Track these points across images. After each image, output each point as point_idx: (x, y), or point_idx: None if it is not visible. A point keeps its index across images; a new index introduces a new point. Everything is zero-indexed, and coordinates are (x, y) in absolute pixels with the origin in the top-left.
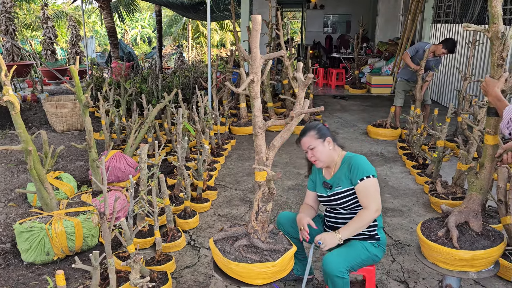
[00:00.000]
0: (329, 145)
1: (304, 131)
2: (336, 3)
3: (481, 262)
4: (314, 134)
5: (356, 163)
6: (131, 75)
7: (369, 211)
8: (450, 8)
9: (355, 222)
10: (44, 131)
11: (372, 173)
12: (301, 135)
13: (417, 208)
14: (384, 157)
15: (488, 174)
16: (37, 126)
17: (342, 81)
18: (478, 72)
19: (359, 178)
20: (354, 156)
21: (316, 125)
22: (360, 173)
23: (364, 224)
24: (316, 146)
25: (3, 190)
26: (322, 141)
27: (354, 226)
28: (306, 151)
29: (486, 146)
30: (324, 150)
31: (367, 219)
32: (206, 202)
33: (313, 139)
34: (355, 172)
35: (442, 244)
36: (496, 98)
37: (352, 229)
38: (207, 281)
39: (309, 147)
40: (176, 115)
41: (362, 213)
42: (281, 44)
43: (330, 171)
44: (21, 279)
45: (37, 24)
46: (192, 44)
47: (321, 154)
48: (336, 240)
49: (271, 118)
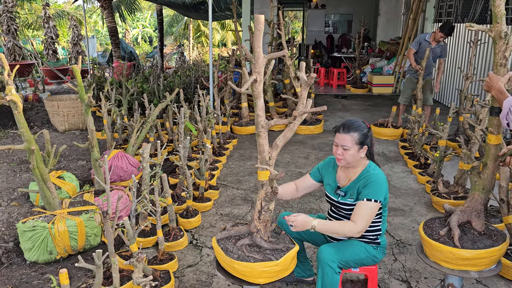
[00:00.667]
0: (363, 152)
1: (349, 128)
2: (337, 2)
3: (483, 261)
4: (357, 137)
5: (374, 183)
6: (132, 74)
7: (354, 228)
8: (451, 8)
9: (337, 226)
10: (46, 131)
11: (379, 199)
12: (343, 130)
13: (419, 208)
14: (386, 157)
15: (491, 174)
16: (39, 125)
17: (344, 81)
18: (480, 72)
19: (366, 197)
20: (376, 174)
21: (363, 129)
22: (371, 194)
23: (342, 233)
24: (351, 149)
25: (5, 189)
26: (359, 148)
27: (333, 228)
28: (337, 144)
29: (489, 146)
30: (356, 155)
31: (347, 231)
32: (208, 201)
33: (353, 142)
34: (367, 190)
35: (444, 243)
36: (499, 91)
37: (330, 230)
38: (209, 280)
39: (344, 146)
40: (178, 114)
41: (348, 224)
42: (283, 44)
43: (347, 176)
44: (24, 278)
45: (39, 24)
46: (193, 44)
47: (351, 157)
48: (308, 226)
49: (272, 117)
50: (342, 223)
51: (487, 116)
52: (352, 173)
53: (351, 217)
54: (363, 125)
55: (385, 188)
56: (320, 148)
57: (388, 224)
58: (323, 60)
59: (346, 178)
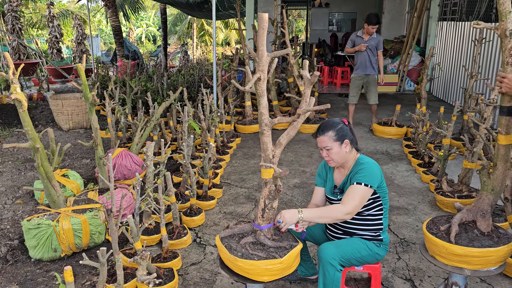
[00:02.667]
0: (346, 147)
1: (323, 129)
2: (341, 1)
3: (476, 260)
4: (332, 135)
5: (363, 169)
6: (136, 73)
7: (343, 210)
8: (456, 6)
9: (324, 210)
10: (50, 129)
11: (370, 183)
12: (319, 132)
13: (423, 207)
14: (390, 155)
15: (500, 175)
16: (44, 124)
17: (347, 79)
18: (485, 70)
19: (356, 181)
20: (367, 162)
21: (336, 125)
22: (361, 178)
23: (329, 216)
24: (333, 147)
25: (10, 187)
26: (340, 144)
27: (321, 214)
28: (321, 149)
29: (498, 146)
30: (340, 152)
31: (335, 214)
32: (212, 200)
33: (331, 141)
34: (357, 175)
35: (440, 238)
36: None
37: (317, 215)
38: (213, 278)
39: (325, 147)
40: (181, 113)
41: (335, 207)
42: (286, 42)
43: (342, 173)
44: (29, 275)
45: (43, 23)
46: (197, 43)
47: (336, 155)
48: (296, 218)
49: (276, 116)
50: (329, 206)
51: (492, 115)
52: (346, 168)
53: (342, 200)
54: (336, 121)
55: (377, 175)
56: None
57: (391, 222)
58: (327, 59)
59: (341, 175)
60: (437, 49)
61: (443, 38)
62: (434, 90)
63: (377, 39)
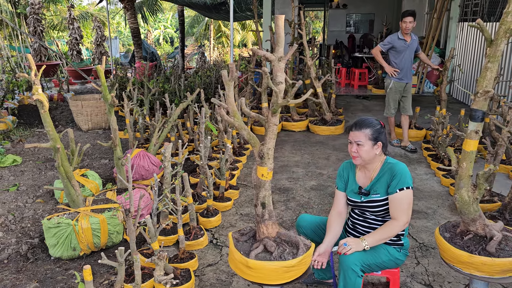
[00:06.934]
0: (377, 149)
1: (360, 125)
2: (359, 2)
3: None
4: (369, 133)
5: (400, 172)
6: (154, 74)
7: (399, 224)
8: (477, 6)
9: (383, 232)
10: (70, 130)
11: (409, 184)
12: (355, 127)
13: (442, 211)
14: (408, 158)
15: None
16: (63, 124)
17: (365, 81)
18: (507, 72)
19: (399, 187)
20: (397, 163)
21: (375, 125)
22: (401, 183)
23: (391, 235)
24: (365, 145)
25: (31, 186)
26: (373, 144)
27: (381, 236)
28: (351, 141)
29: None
30: (371, 152)
31: (395, 231)
32: (228, 201)
33: (366, 138)
34: (396, 180)
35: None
36: None
37: (378, 238)
38: (229, 279)
39: (357, 142)
40: (198, 114)
41: (391, 224)
42: (304, 44)
43: (367, 176)
44: (48, 273)
45: (64, 25)
46: (214, 44)
47: (365, 154)
48: (361, 246)
49: (293, 117)
50: (385, 227)
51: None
52: (372, 170)
53: (391, 215)
54: (375, 122)
55: (409, 173)
56: (341, 149)
57: (411, 227)
58: (344, 60)
59: (366, 177)
60: (457, 50)
61: (463, 40)
62: (454, 92)
63: (417, 40)
